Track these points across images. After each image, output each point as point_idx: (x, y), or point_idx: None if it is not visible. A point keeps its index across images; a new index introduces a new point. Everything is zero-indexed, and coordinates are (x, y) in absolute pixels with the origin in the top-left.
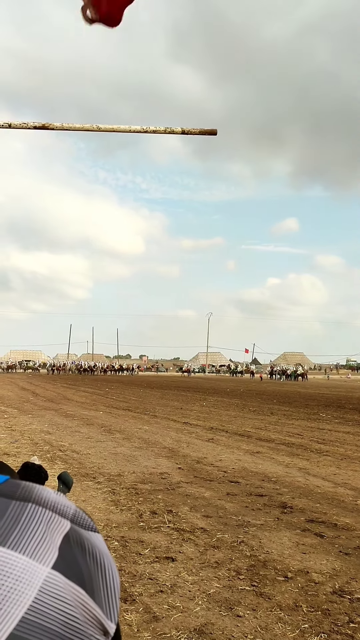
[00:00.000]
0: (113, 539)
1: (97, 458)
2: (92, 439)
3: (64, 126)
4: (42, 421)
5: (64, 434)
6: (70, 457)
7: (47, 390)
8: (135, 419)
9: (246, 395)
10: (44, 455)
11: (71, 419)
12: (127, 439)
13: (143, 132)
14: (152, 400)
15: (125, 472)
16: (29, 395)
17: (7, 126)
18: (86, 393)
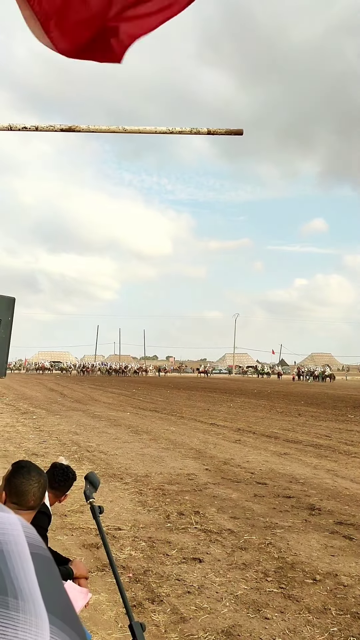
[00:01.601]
0: (140, 539)
1: (125, 459)
2: (120, 440)
3: (90, 128)
4: (70, 422)
5: (91, 434)
6: (98, 458)
7: (75, 391)
8: (162, 420)
9: (273, 396)
10: (71, 456)
11: (98, 419)
12: (154, 440)
13: (169, 133)
14: (179, 402)
15: (152, 473)
16: (57, 396)
17: (34, 129)
18: (113, 394)
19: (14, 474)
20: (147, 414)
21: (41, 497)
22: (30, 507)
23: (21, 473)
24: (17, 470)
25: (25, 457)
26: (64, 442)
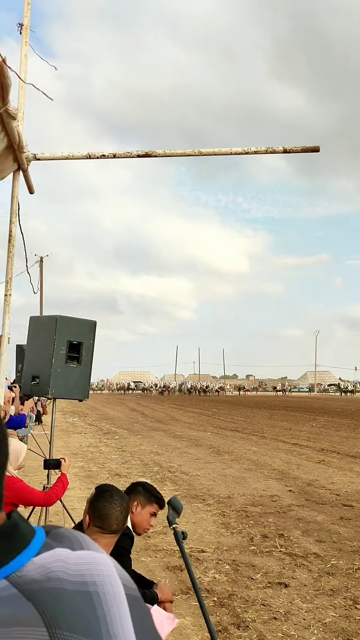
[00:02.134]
0: (224, 562)
1: (207, 480)
2: (201, 460)
3: (166, 153)
4: (152, 442)
5: (173, 455)
6: (180, 479)
7: (156, 411)
8: (244, 440)
9: (357, 415)
10: (153, 477)
11: (180, 439)
12: (235, 460)
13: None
14: (260, 421)
15: (234, 494)
16: (138, 416)
17: (112, 156)
18: (194, 414)
19: (97, 497)
20: (228, 433)
21: (124, 520)
22: (114, 531)
23: (104, 497)
24: (100, 494)
25: (109, 478)
26: (146, 463)
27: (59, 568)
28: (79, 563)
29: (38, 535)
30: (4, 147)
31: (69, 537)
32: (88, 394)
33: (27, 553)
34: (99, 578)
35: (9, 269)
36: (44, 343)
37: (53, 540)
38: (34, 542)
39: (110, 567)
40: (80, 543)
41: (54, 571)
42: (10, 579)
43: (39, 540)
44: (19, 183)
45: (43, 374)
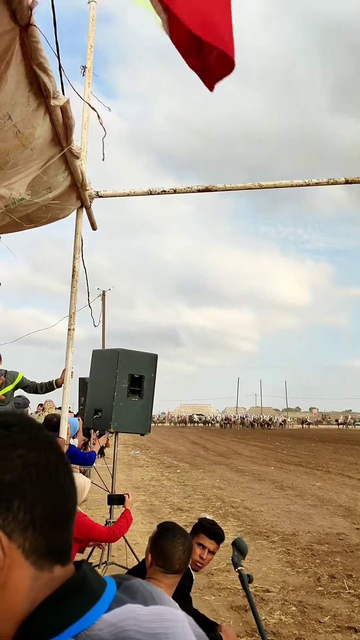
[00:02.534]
0: (290, 603)
1: (270, 515)
2: (264, 495)
3: (226, 187)
4: (214, 476)
5: (235, 489)
6: (243, 514)
7: (217, 445)
8: (308, 475)
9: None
10: (216, 512)
11: (242, 474)
12: (300, 495)
13: (305, 186)
14: (324, 455)
15: (299, 532)
16: (200, 450)
17: (172, 192)
18: (256, 447)
19: (159, 536)
20: (291, 468)
21: (187, 560)
22: (176, 571)
23: (166, 536)
24: (162, 533)
25: (171, 512)
26: (209, 497)
27: (131, 626)
28: (153, 620)
29: (109, 588)
30: (67, 185)
31: (142, 591)
32: (150, 427)
33: (98, 609)
34: (173, 636)
35: (72, 303)
36: (106, 376)
37: (125, 594)
38: (104, 596)
39: (184, 623)
40: (154, 597)
41: (126, 630)
42: (79, 638)
43: (109, 594)
44: (82, 220)
45: (105, 407)
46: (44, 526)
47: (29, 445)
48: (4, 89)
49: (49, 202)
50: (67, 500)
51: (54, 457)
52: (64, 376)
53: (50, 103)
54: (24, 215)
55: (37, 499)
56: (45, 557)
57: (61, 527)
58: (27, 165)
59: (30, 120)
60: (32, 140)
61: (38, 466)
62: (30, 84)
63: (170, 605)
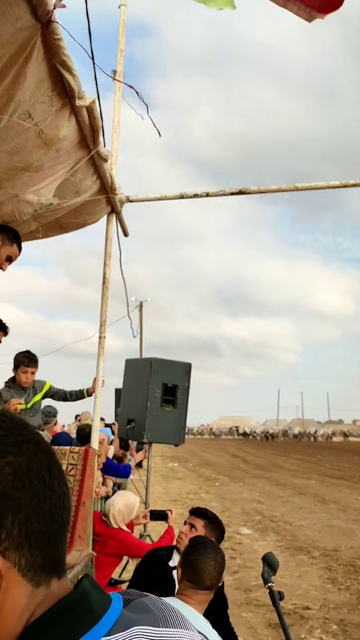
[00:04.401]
0: (332, 621)
1: (311, 530)
2: (305, 510)
3: (260, 189)
4: (253, 489)
5: (275, 503)
6: (283, 529)
7: (257, 457)
8: (351, 489)
9: None
10: (255, 526)
11: (282, 487)
12: (342, 510)
13: (342, 187)
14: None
15: (342, 547)
16: (239, 462)
17: (205, 195)
18: (297, 460)
19: (190, 550)
20: (334, 481)
21: (218, 577)
22: (207, 587)
23: (197, 549)
24: (193, 547)
25: None
26: (248, 511)
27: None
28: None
29: (113, 607)
30: (96, 189)
31: (153, 609)
32: (184, 438)
33: (97, 631)
34: None
35: (102, 311)
36: (139, 386)
37: (133, 612)
38: (106, 616)
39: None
40: (167, 618)
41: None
42: None
43: (113, 613)
44: (112, 226)
45: (138, 417)
46: (39, 539)
47: (18, 449)
48: (23, 86)
49: (77, 207)
50: (63, 506)
51: (45, 459)
52: (95, 385)
53: (75, 103)
54: (52, 220)
55: (31, 511)
56: (42, 571)
57: (58, 537)
58: (54, 168)
59: (54, 121)
60: (56, 141)
61: (30, 473)
62: (54, 83)
63: (186, 628)
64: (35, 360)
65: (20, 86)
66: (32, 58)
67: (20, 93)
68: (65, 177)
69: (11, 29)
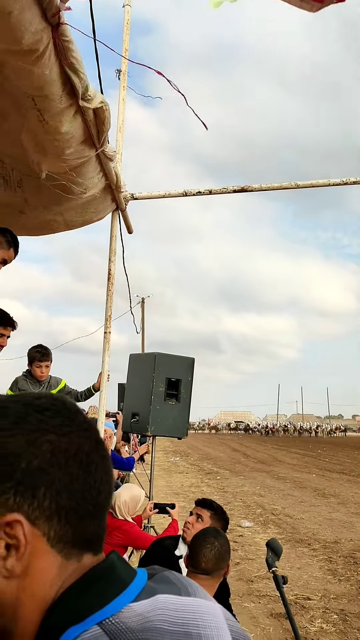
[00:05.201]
0: (332, 611)
1: (312, 523)
2: (306, 503)
3: (262, 187)
4: (254, 483)
5: (276, 497)
6: (284, 522)
7: (258, 452)
8: (351, 483)
9: None
10: (256, 519)
11: (283, 481)
12: (342, 503)
13: (343, 184)
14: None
15: (342, 540)
16: (240, 457)
17: (208, 192)
18: (297, 455)
19: (194, 537)
20: (334, 476)
21: (215, 561)
22: (203, 571)
23: (199, 535)
24: (199, 533)
25: None
26: (249, 504)
27: (159, 617)
28: (184, 611)
29: (139, 578)
30: (102, 187)
31: (175, 582)
32: (187, 432)
33: (124, 597)
34: (204, 630)
35: (107, 307)
36: (143, 380)
37: (157, 584)
38: (132, 585)
39: (220, 618)
40: (188, 589)
41: (153, 621)
42: (103, 626)
43: (139, 583)
44: (117, 223)
45: (142, 411)
46: (70, 516)
47: (61, 430)
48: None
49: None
50: (98, 490)
51: (87, 445)
52: (100, 380)
53: (80, 104)
54: (59, 218)
55: (64, 487)
56: (73, 547)
57: (90, 518)
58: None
59: (58, 115)
60: (57, 133)
61: (68, 453)
62: (63, 84)
63: (206, 599)
64: (48, 353)
65: (27, 78)
66: (42, 59)
67: (24, 85)
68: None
69: (27, 33)
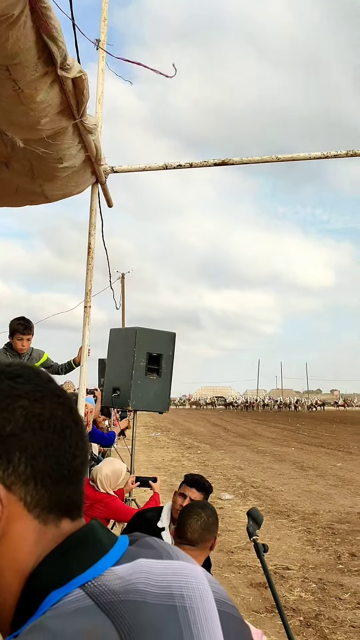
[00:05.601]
0: (310, 580)
1: (291, 495)
2: (285, 476)
3: (243, 160)
4: (234, 457)
5: (256, 469)
6: (263, 494)
7: (238, 426)
8: (329, 456)
9: None
10: (236, 491)
11: (263, 454)
12: (320, 476)
13: (324, 158)
14: (346, 436)
15: (320, 511)
16: (220, 431)
17: (188, 166)
18: (277, 429)
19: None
20: (312, 449)
21: (201, 532)
22: (189, 541)
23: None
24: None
25: None
26: (229, 477)
27: (142, 580)
28: (166, 573)
29: (120, 543)
30: (81, 159)
31: (157, 547)
32: (168, 406)
33: (106, 561)
34: (187, 591)
35: (87, 281)
36: (124, 355)
37: (138, 548)
38: (114, 549)
39: (203, 580)
40: (170, 553)
41: (135, 583)
42: (85, 588)
43: (120, 548)
44: (97, 196)
45: (123, 385)
46: (46, 480)
47: (34, 396)
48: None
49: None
50: (73, 455)
51: (60, 410)
52: (80, 354)
53: (59, 73)
54: (38, 190)
55: (38, 452)
56: (50, 512)
57: (66, 483)
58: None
59: (33, 83)
60: (32, 102)
61: (41, 417)
62: (39, 51)
63: (188, 562)
64: (31, 327)
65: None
66: (16, 25)
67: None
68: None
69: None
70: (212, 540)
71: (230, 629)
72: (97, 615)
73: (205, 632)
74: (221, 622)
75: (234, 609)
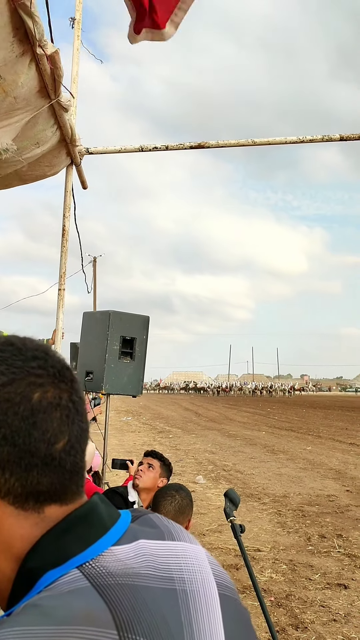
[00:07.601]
0: (281, 562)
1: (262, 478)
2: (256, 459)
3: (219, 143)
4: (206, 441)
5: (227, 453)
6: (235, 477)
7: (209, 411)
8: (299, 439)
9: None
10: (208, 475)
11: (234, 438)
12: (291, 459)
13: (299, 142)
14: (316, 421)
15: (290, 494)
16: (192, 416)
17: (164, 148)
18: (248, 413)
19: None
20: (283, 433)
21: (175, 514)
22: None
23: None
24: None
25: None
26: (200, 461)
27: (142, 562)
28: (168, 555)
29: (122, 520)
30: (56, 140)
31: (160, 525)
32: (142, 390)
33: (105, 540)
34: (188, 574)
35: (62, 263)
36: (97, 338)
37: (141, 526)
38: (114, 528)
39: (204, 562)
40: (172, 533)
41: (134, 567)
42: (83, 569)
43: (121, 526)
44: (71, 178)
45: (97, 369)
46: (14, 469)
47: (7, 378)
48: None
49: (37, 159)
50: (49, 442)
51: (37, 393)
52: (55, 336)
53: (36, 51)
54: (11, 172)
55: (2, 440)
56: (27, 499)
57: (40, 470)
58: (11, 114)
59: (13, 67)
60: (14, 87)
61: (7, 403)
62: (15, 29)
63: (191, 543)
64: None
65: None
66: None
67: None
68: (24, 126)
69: None
70: (186, 522)
71: (230, 611)
72: (92, 597)
73: (204, 617)
74: (221, 605)
75: (233, 591)
